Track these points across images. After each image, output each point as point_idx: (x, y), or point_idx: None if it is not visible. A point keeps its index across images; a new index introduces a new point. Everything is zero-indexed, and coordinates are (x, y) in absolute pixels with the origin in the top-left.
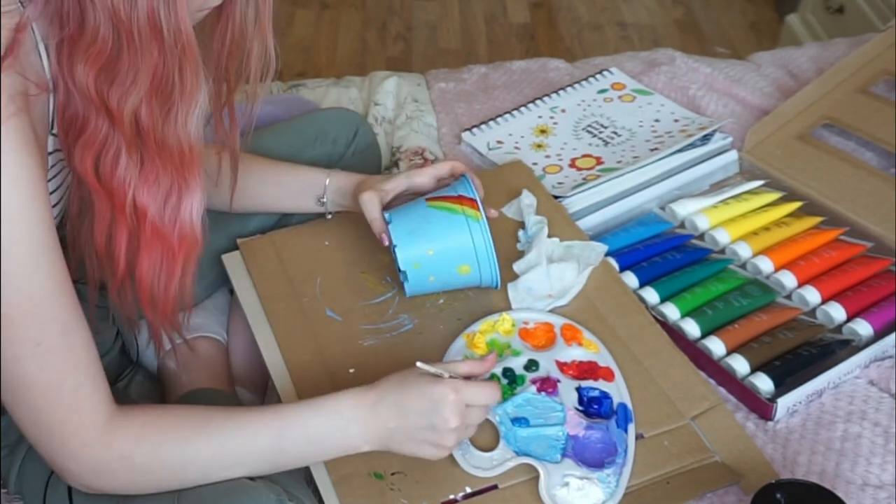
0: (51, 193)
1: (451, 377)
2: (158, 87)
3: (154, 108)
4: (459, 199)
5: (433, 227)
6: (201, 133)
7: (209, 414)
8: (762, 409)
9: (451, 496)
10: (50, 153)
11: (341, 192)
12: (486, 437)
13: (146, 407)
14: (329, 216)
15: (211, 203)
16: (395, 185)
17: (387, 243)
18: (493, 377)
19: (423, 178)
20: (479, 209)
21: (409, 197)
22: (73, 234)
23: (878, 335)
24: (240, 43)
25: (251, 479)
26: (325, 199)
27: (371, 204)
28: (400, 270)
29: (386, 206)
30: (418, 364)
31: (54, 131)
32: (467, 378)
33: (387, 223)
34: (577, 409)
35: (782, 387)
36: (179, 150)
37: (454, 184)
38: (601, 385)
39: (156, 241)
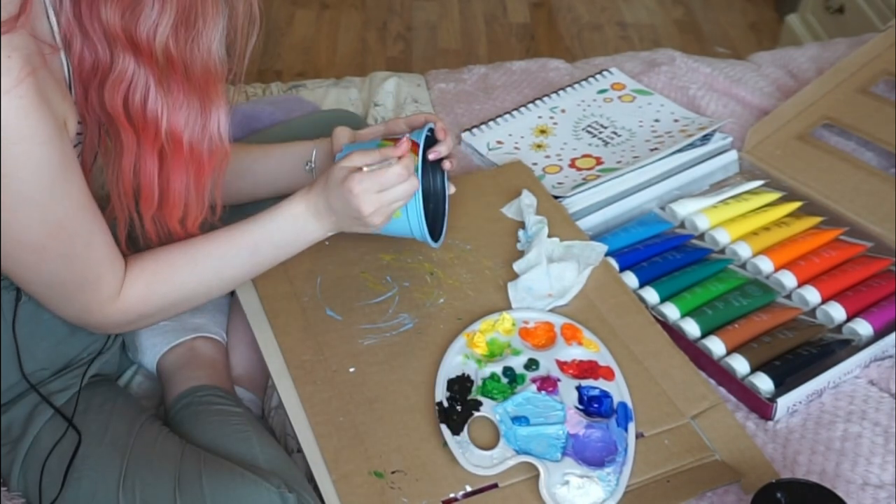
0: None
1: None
2: (184, 14)
3: (180, 35)
4: (406, 142)
5: None
6: (223, 54)
7: (194, 255)
8: (762, 408)
9: (452, 495)
10: None
11: (329, 156)
12: (487, 436)
13: (143, 266)
14: None
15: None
16: (372, 130)
17: None
18: (493, 376)
19: (399, 126)
20: (417, 153)
21: None
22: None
23: (878, 335)
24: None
25: (252, 471)
26: (312, 164)
27: (341, 137)
28: None
29: None
30: (336, 157)
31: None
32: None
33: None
34: (578, 408)
35: (782, 386)
36: (204, 70)
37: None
38: (601, 384)
39: (189, 160)
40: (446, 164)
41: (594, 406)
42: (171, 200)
